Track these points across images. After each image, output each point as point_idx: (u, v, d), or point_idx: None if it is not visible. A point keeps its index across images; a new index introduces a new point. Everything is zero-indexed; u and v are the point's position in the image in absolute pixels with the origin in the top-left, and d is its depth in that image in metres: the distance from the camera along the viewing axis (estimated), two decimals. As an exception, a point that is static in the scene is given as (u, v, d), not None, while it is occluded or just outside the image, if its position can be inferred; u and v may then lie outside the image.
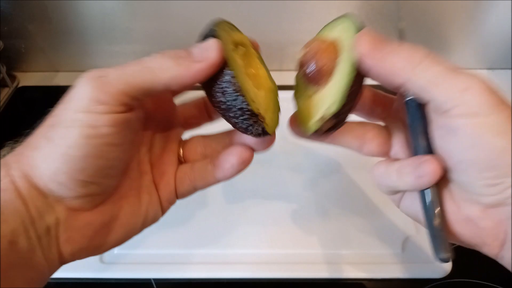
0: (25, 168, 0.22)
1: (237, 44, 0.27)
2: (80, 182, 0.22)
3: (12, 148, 0.23)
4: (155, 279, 0.42)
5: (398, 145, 0.29)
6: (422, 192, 0.25)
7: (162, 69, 0.23)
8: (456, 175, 0.24)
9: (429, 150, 0.26)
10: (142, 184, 0.27)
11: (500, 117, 0.22)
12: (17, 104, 0.65)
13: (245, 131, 0.25)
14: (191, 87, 0.24)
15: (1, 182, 0.21)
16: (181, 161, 0.30)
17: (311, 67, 0.26)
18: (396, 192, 0.28)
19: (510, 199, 0.22)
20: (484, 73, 0.69)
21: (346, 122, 0.27)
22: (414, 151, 0.26)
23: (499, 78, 0.68)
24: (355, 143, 0.29)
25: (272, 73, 0.31)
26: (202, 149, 0.30)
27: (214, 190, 0.46)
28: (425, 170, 0.24)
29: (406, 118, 0.27)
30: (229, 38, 0.26)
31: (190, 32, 0.64)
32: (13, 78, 0.68)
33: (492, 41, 0.66)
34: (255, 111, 0.24)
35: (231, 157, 0.27)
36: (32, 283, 0.22)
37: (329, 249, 0.43)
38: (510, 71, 0.69)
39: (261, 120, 0.24)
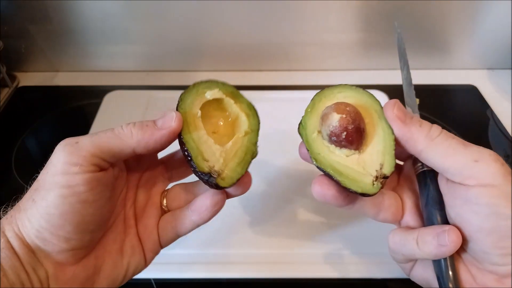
0: (15, 228, 0.25)
1: (209, 102, 0.30)
2: (61, 237, 0.25)
3: (5, 212, 0.26)
4: (155, 279, 0.42)
5: (409, 213, 0.30)
6: (438, 262, 0.26)
7: (128, 135, 0.26)
8: (472, 245, 0.25)
9: (445, 220, 0.27)
10: (126, 238, 0.30)
11: None
12: (17, 104, 0.65)
13: (205, 183, 0.28)
14: (157, 151, 0.28)
15: (0, 242, 0.24)
16: (164, 210, 0.32)
17: (343, 131, 0.27)
18: (409, 260, 0.29)
19: None
20: (484, 73, 0.69)
21: None
22: (428, 221, 0.28)
23: (499, 78, 0.68)
24: (372, 211, 0.30)
25: (272, 73, 0.31)
26: (185, 196, 0.32)
27: (214, 190, 0.46)
28: (447, 239, 0.25)
29: (417, 188, 0.29)
30: (196, 102, 0.29)
31: (190, 32, 0.64)
32: (13, 78, 0.68)
33: (492, 41, 0.66)
34: (206, 170, 0.27)
35: (205, 201, 0.29)
36: None
37: (330, 249, 0.43)
38: (510, 71, 0.69)
39: (214, 176, 0.27)
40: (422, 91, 0.66)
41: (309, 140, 0.29)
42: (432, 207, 0.27)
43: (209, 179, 0.27)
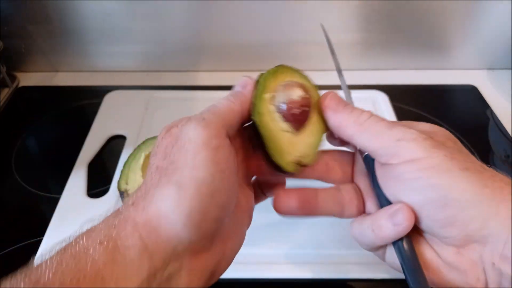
0: (153, 222, 0.21)
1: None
2: (212, 220, 0.23)
3: (126, 206, 0.23)
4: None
5: (369, 201, 0.30)
6: (396, 244, 0.26)
7: (232, 102, 0.27)
8: (417, 222, 0.25)
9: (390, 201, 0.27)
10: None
11: (438, 157, 0.24)
12: (17, 104, 0.65)
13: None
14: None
15: (130, 240, 0.21)
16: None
17: (293, 109, 0.28)
18: (378, 247, 0.28)
19: (474, 235, 0.23)
20: (484, 73, 0.69)
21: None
22: (379, 204, 0.28)
23: (499, 78, 0.68)
24: (336, 209, 0.30)
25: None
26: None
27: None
28: (400, 217, 0.25)
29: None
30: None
31: (190, 32, 0.64)
32: (13, 78, 0.68)
33: (492, 41, 0.66)
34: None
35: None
36: None
37: (330, 249, 0.43)
38: (510, 71, 0.69)
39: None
40: (422, 91, 0.67)
41: (259, 97, 0.28)
42: (379, 190, 0.27)
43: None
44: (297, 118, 0.28)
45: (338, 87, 0.71)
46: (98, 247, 0.20)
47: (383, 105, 0.61)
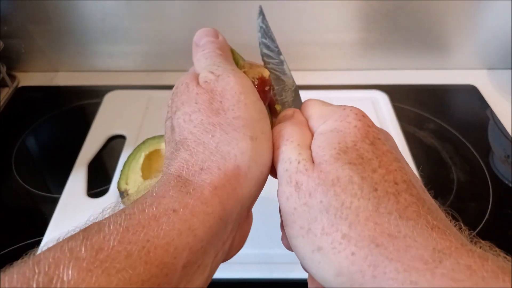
0: (232, 183, 0.20)
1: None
2: (266, 178, 0.23)
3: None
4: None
5: None
6: None
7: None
8: None
9: None
10: None
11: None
12: (17, 104, 0.65)
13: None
14: None
15: (210, 206, 0.19)
16: None
17: (266, 85, 0.28)
18: None
19: (323, 242, 0.18)
20: (484, 73, 0.69)
21: None
22: None
23: (499, 78, 0.68)
24: None
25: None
26: None
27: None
28: None
29: None
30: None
31: (190, 32, 0.64)
32: (13, 78, 0.68)
33: (492, 41, 0.66)
34: None
35: None
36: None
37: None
38: (510, 71, 0.69)
39: None
40: (422, 91, 0.67)
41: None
42: None
43: None
44: (266, 96, 0.28)
45: (338, 87, 0.71)
46: (172, 215, 0.18)
47: (383, 105, 0.61)
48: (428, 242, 0.16)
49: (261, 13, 0.32)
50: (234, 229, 0.21)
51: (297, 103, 0.29)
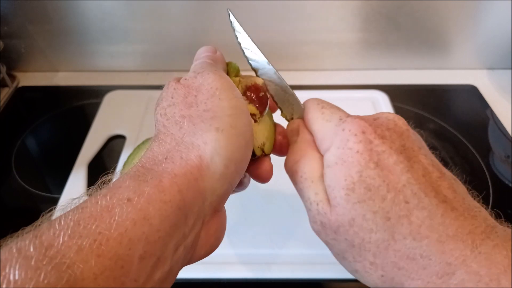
0: (194, 173, 0.20)
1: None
2: (239, 173, 0.23)
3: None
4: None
5: None
6: None
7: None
8: None
9: None
10: None
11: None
12: (17, 104, 0.65)
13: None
14: None
15: (168, 194, 0.19)
16: None
17: (260, 92, 0.29)
18: None
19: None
20: (484, 73, 0.69)
21: None
22: None
23: (499, 78, 0.68)
24: None
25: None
26: None
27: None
28: None
29: None
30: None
31: (190, 32, 0.64)
32: (13, 78, 0.68)
33: (492, 41, 0.66)
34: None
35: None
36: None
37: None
38: (510, 71, 0.69)
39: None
40: (422, 91, 0.67)
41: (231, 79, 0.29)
42: None
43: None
44: (262, 102, 0.28)
45: (338, 87, 0.71)
46: (126, 204, 0.17)
47: (383, 105, 0.61)
48: (442, 258, 0.19)
49: (230, 17, 0.33)
50: (197, 225, 0.20)
51: (293, 102, 0.30)
